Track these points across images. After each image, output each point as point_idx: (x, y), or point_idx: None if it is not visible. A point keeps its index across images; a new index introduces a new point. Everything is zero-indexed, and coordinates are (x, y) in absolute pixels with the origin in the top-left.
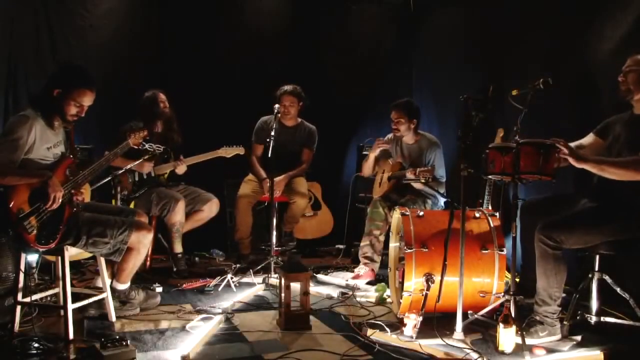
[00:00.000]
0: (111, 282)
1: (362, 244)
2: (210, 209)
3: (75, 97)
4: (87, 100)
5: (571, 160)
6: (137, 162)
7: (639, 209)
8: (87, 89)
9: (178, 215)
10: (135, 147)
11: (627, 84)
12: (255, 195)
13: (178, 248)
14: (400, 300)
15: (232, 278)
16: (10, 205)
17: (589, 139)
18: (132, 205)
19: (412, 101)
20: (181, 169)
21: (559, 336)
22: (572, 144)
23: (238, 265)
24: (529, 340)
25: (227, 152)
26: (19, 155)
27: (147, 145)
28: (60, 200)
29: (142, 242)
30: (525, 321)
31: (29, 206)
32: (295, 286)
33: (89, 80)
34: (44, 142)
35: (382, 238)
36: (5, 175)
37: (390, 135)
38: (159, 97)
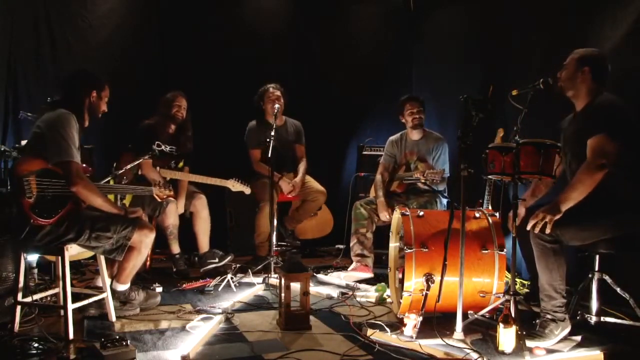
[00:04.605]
0: (111, 283)
1: (351, 244)
2: (196, 208)
3: (105, 94)
4: (107, 95)
5: (555, 218)
6: (139, 161)
7: (630, 204)
8: (106, 84)
9: (170, 217)
10: (158, 198)
11: (560, 81)
12: (275, 198)
13: (176, 249)
14: (400, 300)
15: (232, 278)
16: (19, 168)
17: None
18: (128, 199)
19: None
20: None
21: (569, 327)
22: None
23: (238, 265)
24: (547, 342)
25: (235, 185)
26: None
27: (156, 146)
28: (142, 214)
29: (144, 242)
30: (538, 323)
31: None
32: (295, 286)
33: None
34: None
35: (369, 235)
36: (97, 197)
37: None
38: (176, 100)
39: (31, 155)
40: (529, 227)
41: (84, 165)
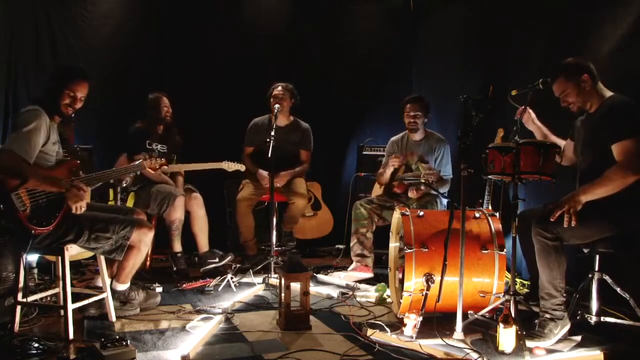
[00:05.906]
0: (111, 283)
1: (351, 243)
2: (192, 207)
3: (69, 86)
4: (80, 91)
5: (578, 209)
6: (138, 161)
7: (631, 203)
8: (81, 79)
9: (177, 212)
10: (151, 170)
11: (575, 104)
12: (254, 197)
13: (177, 247)
14: (400, 300)
15: (232, 278)
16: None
17: (567, 145)
18: (131, 200)
19: (424, 97)
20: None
21: (568, 325)
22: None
23: (238, 265)
24: (547, 342)
25: (229, 166)
26: (34, 147)
27: (153, 146)
28: (84, 207)
29: (143, 241)
30: (537, 322)
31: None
32: (295, 286)
33: (83, 72)
34: (51, 137)
35: (369, 235)
36: (27, 177)
37: (396, 162)
38: (162, 102)
39: None
40: (552, 219)
41: (78, 162)
